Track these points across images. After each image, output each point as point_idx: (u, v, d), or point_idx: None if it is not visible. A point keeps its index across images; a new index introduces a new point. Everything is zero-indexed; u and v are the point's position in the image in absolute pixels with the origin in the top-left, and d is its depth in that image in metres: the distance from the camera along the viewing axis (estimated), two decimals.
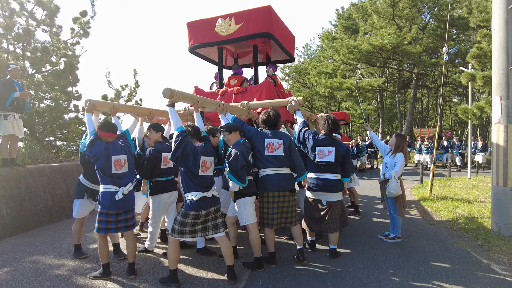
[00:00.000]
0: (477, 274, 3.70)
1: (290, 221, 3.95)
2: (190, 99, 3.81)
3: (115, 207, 3.46)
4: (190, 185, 3.32)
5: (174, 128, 3.37)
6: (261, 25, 5.61)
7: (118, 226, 3.54)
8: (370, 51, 19.80)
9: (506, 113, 5.04)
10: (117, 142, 3.69)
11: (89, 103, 3.83)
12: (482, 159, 14.97)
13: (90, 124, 3.68)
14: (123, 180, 3.55)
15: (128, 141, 3.88)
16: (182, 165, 3.31)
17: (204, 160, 3.36)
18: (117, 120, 4.15)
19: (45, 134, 9.15)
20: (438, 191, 8.87)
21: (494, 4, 5.21)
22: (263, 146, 3.87)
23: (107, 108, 4.29)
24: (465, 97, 24.95)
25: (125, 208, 3.56)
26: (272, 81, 6.00)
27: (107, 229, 3.48)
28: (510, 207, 4.99)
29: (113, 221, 3.49)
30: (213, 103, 4.25)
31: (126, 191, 3.51)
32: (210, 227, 3.45)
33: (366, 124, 5.72)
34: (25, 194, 5.64)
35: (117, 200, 3.45)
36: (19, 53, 8.92)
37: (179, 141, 3.22)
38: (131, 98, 11.24)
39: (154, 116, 4.62)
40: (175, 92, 3.42)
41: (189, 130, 3.47)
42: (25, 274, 3.75)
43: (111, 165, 3.47)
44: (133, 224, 3.69)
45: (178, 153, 3.21)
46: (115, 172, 3.50)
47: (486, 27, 12.08)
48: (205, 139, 3.61)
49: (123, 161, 3.58)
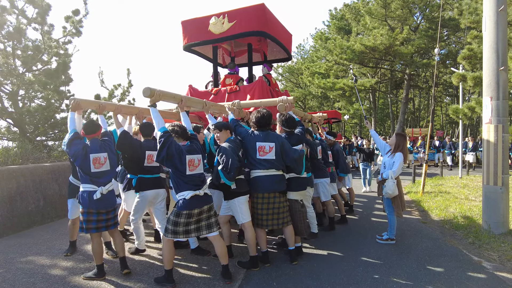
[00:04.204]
0: (468, 272, 3.76)
1: (282, 222, 3.93)
2: (172, 98, 3.74)
3: (95, 207, 3.43)
4: (181, 184, 3.31)
5: (156, 128, 3.36)
6: (254, 23, 5.59)
7: (99, 226, 3.50)
8: (363, 52, 19.96)
9: (496, 113, 5.12)
10: (98, 140, 3.65)
11: (73, 101, 3.75)
12: (472, 158, 15.19)
13: (71, 123, 3.63)
14: (102, 179, 3.52)
15: (111, 140, 3.83)
16: (169, 166, 3.29)
17: (191, 159, 3.33)
18: (103, 119, 4.10)
19: (36, 133, 9.04)
20: (430, 190, 8.98)
21: (484, 6, 5.29)
22: (255, 149, 3.85)
23: (93, 106, 4.20)
24: (456, 98, 25.30)
25: (106, 208, 3.52)
26: (266, 80, 5.99)
27: (88, 229, 3.44)
28: (500, 205, 5.07)
29: (94, 220, 3.46)
30: (198, 102, 4.21)
31: (105, 190, 3.48)
32: (204, 226, 3.43)
33: (366, 122, 5.70)
34: (16, 195, 5.56)
35: (96, 199, 3.41)
36: (9, 51, 8.78)
37: (162, 142, 3.21)
38: (124, 97, 11.16)
39: (143, 115, 4.56)
40: (155, 91, 3.38)
41: (176, 130, 3.45)
42: (17, 275, 3.70)
43: (90, 163, 3.45)
44: (114, 223, 3.65)
45: (163, 154, 3.19)
46: (94, 170, 3.47)
47: (476, 28, 12.24)
48: (192, 138, 3.59)
49: (102, 159, 3.54)
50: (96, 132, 3.65)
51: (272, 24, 5.91)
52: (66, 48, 9.77)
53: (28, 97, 9.46)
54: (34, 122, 9.16)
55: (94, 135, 3.63)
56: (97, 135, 3.68)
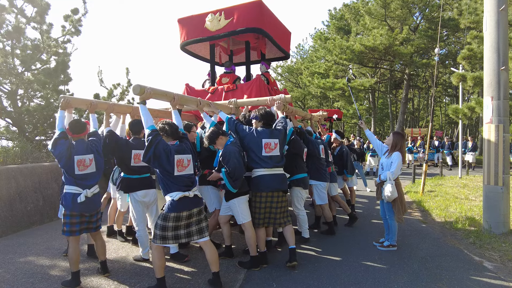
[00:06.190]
0: (469, 272, 3.75)
1: (281, 222, 3.91)
2: (164, 96, 3.64)
3: (78, 209, 3.30)
4: (169, 185, 3.15)
5: (145, 126, 3.23)
6: (251, 20, 5.53)
7: (82, 228, 3.40)
8: (362, 52, 19.95)
9: (497, 113, 5.12)
10: (84, 141, 3.50)
11: (64, 99, 3.61)
12: (472, 158, 15.20)
13: (60, 122, 3.48)
14: (87, 182, 3.38)
15: (99, 140, 3.68)
16: (156, 166, 3.13)
17: (179, 159, 3.18)
18: (94, 118, 3.92)
19: (35, 133, 9.01)
20: (430, 190, 8.98)
21: (485, 6, 5.28)
22: (260, 146, 3.77)
23: (84, 105, 4.02)
24: (456, 98, 25.30)
25: (90, 211, 3.39)
26: (265, 79, 5.93)
27: (71, 232, 3.31)
28: (501, 205, 5.07)
29: (77, 222, 3.34)
30: (192, 100, 4.11)
31: (90, 193, 3.35)
32: (195, 231, 3.25)
33: (361, 122, 5.47)
34: (15, 194, 5.54)
35: (79, 202, 3.28)
36: (8, 50, 8.77)
37: (149, 141, 3.07)
38: (123, 97, 11.16)
39: (138, 114, 4.46)
40: (145, 89, 3.28)
41: (165, 129, 3.31)
42: (17, 275, 3.68)
43: (74, 165, 3.30)
44: (95, 227, 3.53)
45: (149, 154, 3.05)
46: (79, 172, 3.33)
47: (476, 28, 12.27)
48: (182, 137, 3.44)
49: (88, 161, 3.40)
50: (82, 132, 3.49)
51: (269, 21, 5.84)
52: (65, 47, 9.78)
53: (27, 96, 9.43)
54: (33, 121, 9.13)
55: (80, 135, 3.48)
56: (84, 135, 3.53)
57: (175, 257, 4.13)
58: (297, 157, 4.62)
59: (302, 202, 4.75)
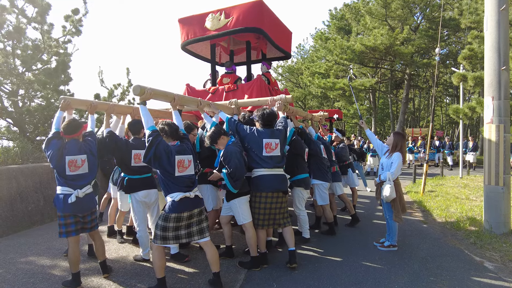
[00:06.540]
0: (470, 272, 3.74)
1: (281, 222, 3.90)
2: (164, 96, 3.63)
3: (70, 210, 3.25)
4: (169, 185, 3.15)
5: (145, 127, 3.22)
6: (251, 19, 5.51)
7: (78, 228, 3.35)
8: (363, 52, 19.95)
9: (498, 113, 5.11)
10: (77, 141, 3.42)
11: (64, 101, 3.57)
12: (472, 158, 15.18)
13: (56, 122, 3.46)
14: (79, 182, 3.32)
15: (93, 141, 3.61)
16: (156, 167, 3.13)
17: (180, 160, 3.17)
18: (93, 119, 3.88)
19: (36, 133, 9.02)
20: (431, 190, 8.97)
21: (486, 6, 5.28)
22: (261, 146, 3.77)
23: (84, 106, 4.00)
24: (456, 98, 25.28)
25: (82, 212, 3.34)
26: (266, 79, 5.93)
27: (67, 233, 3.27)
28: (502, 205, 5.06)
29: (72, 222, 3.30)
30: (192, 101, 4.10)
31: (81, 194, 3.29)
32: (196, 232, 3.25)
33: (361, 122, 5.47)
34: (16, 194, 5.54)
35: (71, 203, 3.23)
36: (9, 50, 8.77)
37: (150, 141, 3.06)
38: (124, 97, 11.16)
39: (137, 114, 4.33)
40: (145, 89, 3.27)
41: (165, 129, 3.29)
42: (17, 275, 3.69)
43: (65, 166, 3.26)
44: (91, 227, 3.49)
45: (150, 155, 3.04)
46: (70, 173, 3.28)
47: (476, 28, 12.24)
48: (182, 137, 3.42)
49: (80, 161, 3.34)
50: (75, 132, 3.41)
51: (269, 21, 5.83)
52: (66, 48, 9.76)
53: (27, 96, 9.43)
54: (34, 121, 9.14)
55: (74, 136, 3.40)
56: (77, 135, 3.44)
57: (176, 257, 4.13)
58: (299, 157, 4.62)
59: (303, 202, 4.75)
